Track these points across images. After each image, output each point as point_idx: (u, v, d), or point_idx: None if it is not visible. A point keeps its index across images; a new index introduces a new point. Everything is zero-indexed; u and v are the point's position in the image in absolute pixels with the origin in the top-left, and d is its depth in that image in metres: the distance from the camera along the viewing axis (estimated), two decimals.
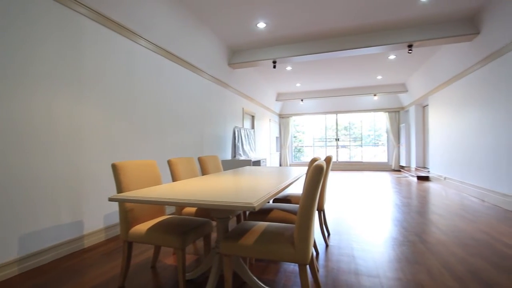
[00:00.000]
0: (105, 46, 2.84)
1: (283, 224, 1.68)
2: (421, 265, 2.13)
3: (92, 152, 2.69)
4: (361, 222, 3.35)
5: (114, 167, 1.81)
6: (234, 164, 5.41)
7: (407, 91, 8.52)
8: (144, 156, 3.38)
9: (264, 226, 1.63)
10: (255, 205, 1.12)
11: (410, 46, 4.51)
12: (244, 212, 2.85)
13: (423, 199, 4.71)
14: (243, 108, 6.86)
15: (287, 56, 5.05)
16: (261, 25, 4.29)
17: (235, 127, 6.10)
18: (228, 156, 5.92)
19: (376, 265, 2.15)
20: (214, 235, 2.86)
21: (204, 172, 2.93)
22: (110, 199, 1.43)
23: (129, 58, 3.16)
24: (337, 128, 10.99)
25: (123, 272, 1.79)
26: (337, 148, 11.01)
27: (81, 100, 2.57)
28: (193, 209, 2.33)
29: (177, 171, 2.44)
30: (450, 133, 5.92)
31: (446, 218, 3.46)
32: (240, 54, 5.43)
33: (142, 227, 1.78)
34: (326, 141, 11.20)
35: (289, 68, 6.58)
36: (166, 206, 3.54)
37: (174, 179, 2.42)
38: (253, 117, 7.79)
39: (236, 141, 6.05)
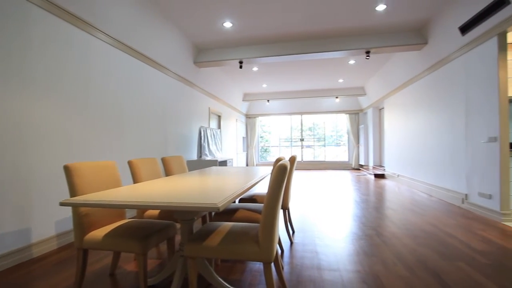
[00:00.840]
0: (57, 37, 2.61)
1: (249, 223, 1.69)
2: (377, 257, 2.29)
3: (43, 153, 2.46)
4: (324, 219, 3.49)
5: (67, 168, 1.67)
6: (200, 164, 5.32)
7: (365, 94, 9.07)
8: (103, 157, 3.18)
9: (229, 226, 1.63)
10: (219, 205, 1.11)
11: (367, 52, 4.81)
12: (210, 213, 2.81)
13: (379, 196, 5.05)
14: (209, 108, 6.76)
15: (254, 57, 5.09)
16: (228, 24, 4.27)
17: (201, 126, 6.00)
18: (194, 157, 5.80)
19: (337, 259, 2.26)
20: (178, 238, 2.78)
21: (168, 173, 2.84)
22: (62, 204, 1.32)
23: (85, 51, 2.95)
24: (302, 129, 11.34)
25: (77, 281, 1.67)
26: (302, 148, 11.35)
27: (30, 96, 2.34)
28: (156, 212, 2.24)
29: (139, 173, 2.33)
30: (402, 134, 6.43)
31: (399, 213, 3.75)
32: (206, 53, 5.35)
33: (99, 233, 1.67)
34: (291, 141, 11.49)
35: (255, 68, 6.63)
36: (127, 209, 3.37)
37: (135, 181, 2.31)
38: (219, 117, 7.72)
39: (202, 141, 5.95)
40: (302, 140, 11.34)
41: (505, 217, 3.20)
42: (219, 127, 7.72)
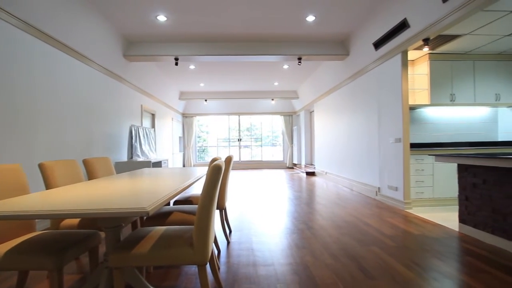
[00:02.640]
0: None
1: (183, 226, 1.64)
2: (307, 249, 2.47)
3: None
4: (261, 217, 3.61)
5: None
6: (131, 166, 4.92)
7: (298, 97, 9.70)
8: (6, 160, 2.66)
9: (162, 231, 1.55)
10: (148, 209, 1.04)
11: (299, 58, 5.16)
12: (142, 218, 2.63)
13: (310, 192, 5.47)
14: (142, 105, 6.31)
15: (190, 54, 4.95)
16: (162, 18, 4.06)
17: (132, 125, 5.55)
18: (124, 158, 5.33)
19: (272, 254, 2.36)
20: (104, 248, 2.52)
21: (91, 176, 2.55)
22: None
23: None
24: (239, 129, 11.50)
25: None
26: (239, 148, 11.51)
27: None
28: (75, 221, 1.99)
29: (53, 177, 2.03)
30: (330, 135, 7.09)
31: (327, 206, 4.13)
32: (138, 46, 4.98)
33: None
34: (229, 141, 11.55)
35: (192, 67, 6.46)
36: (38, 220, 2.90)
37: (48, 186, 2.00)
38: (153, 115, 7.27)
39: (134, 141, 5.51)
40: (240, 140, 11.50)
41: (407, 205, 3.82)
42: (153, 126, 7.26)
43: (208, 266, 1.98)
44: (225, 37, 4.79)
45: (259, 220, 3.45)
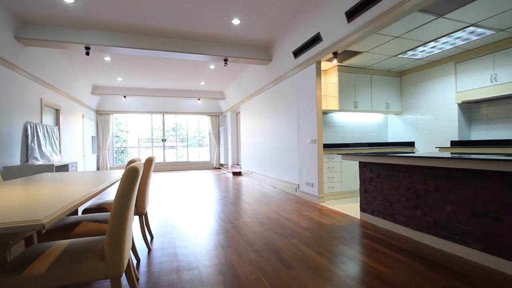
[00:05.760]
0: None
1: (92, 237, 1.46)
2: (232, 248, 2.52)
3: None
4: (186, 220, 3.50)
5: None
6: (27, 171, 4.11)
7: (225, 98, 9.77)
8: None
9: (65, 245, 1.35)
10: (44, 221, 0.89)
11: (226, 60, 5.21)
12: (39, 232, 2.23)
13: (236, 192, 5.58)
14: (41, 99, 5.33)
15: (104, 45, 4.43)
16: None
17: (28, 122, 4.64)
18: (17, 161, 4.41)
19: (196, 257, 2.32)
20: None
21: None
22: None
23: None
24: (164, 129, 10.88)
25: None
26: (164, 148, 10.90)
27: None
28: None
29: None
30: (254, 136, 7.38)
31: (251, 205, 4.28)
32: (37, 28, 4.19)
33: None
34: (153, 142, 10.81)
35: (108, 58, 5.80)
36: None
37: None
38: (57, 111, 6.23)
39: (30, 140, 4.62)
40: (164, 140, 10.89)
41: (321, 200, 4.27)
42: (57, 123, 6.22)
43: (125, 278, 1.81)
44: (147, 30, 4.46)
45: (184, 223, 3.34)
